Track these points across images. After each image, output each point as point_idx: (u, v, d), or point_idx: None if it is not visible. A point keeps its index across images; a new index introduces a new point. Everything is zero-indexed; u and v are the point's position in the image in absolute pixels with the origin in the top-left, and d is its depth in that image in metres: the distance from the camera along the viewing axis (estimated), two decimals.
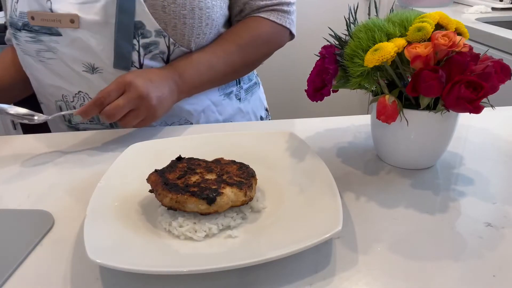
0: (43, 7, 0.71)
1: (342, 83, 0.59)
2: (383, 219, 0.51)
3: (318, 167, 0.55)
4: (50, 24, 0.71)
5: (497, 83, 0.51)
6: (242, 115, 0.91)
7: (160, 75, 0.71)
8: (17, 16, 0.74)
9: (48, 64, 0.75)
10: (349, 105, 2.22)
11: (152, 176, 0.51)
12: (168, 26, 0.72)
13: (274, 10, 0.83)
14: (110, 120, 0.65)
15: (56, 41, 0.72)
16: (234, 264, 0.40)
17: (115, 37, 0.70)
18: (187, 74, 0.74)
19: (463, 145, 0.68)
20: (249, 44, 0.81)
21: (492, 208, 0.52)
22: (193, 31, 0.74)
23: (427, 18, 0.54)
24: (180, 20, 0.72)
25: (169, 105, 0.72)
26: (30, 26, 0.73)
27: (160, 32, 0.72)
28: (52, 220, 0.52)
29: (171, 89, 0.72)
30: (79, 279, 0.43)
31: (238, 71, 0.84)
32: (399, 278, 0.42)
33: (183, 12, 0.72)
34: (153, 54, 0.74)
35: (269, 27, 0.83)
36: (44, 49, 0.74)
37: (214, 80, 0.80)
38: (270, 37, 0.84)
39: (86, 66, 0.74)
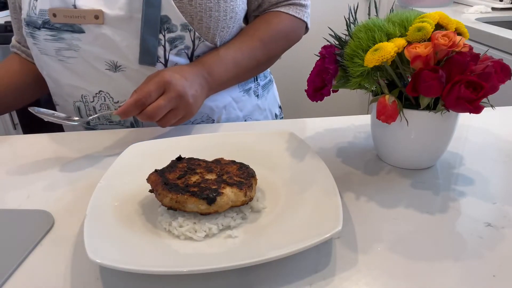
0: (66, 4, 0.70)
1: (342, 83, 0.59)
2: (383, 219, 0.51)
3: (318, 167, 0.55)
4: (73, 20, 0.70)
5: (497, 83, 0.51)
6: (260, 111, 0.92)
7: (192, 72, 0.71)
8: (36, 14, 0.73)
9: (68, 63, 0.74)
10: (349, 105, 2.22)
11: (152, 176, 0.51)
12: (194, 19, 0.71)
13: (292, 4, 0.84)
14: (150, 120, 0.64)
15: (78, 39, 0.72)
16: (234, 264, 0.40)
17: (141, 31, 0.70)
18: (215, 71, 0.74)
19: (463, 145, 0.68)
20: (271, 39, 0.81)
21: (492, 208, 0.52)
22: (218, 25, 0.74)
23: (427, 18, 0.54)
24: (206, 13, 0.72)
25: (202, 102, 0.73)
26: (51, 24, 0.72)
27: (186, 26, 0.71)
28: (52, 220, 0.52)
29: (202, 86, 0.72)
30: (79, 279, 0.43)
31: (260, 66, 0.84)
32: (399, 278, 0.42)
33: (209, 5, 0.71)
34: (179, 49, 0.73)
35: (289, 21, 0.84)
36: (64, 48, 0.73)
37: (239, 76, 0.81)
38: (290, 31, 0.85)
39: (109, 64, 0.73)
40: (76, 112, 0.80)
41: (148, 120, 0.64)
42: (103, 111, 0.78)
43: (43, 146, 0.71)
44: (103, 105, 0.77)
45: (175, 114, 0.67)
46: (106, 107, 0.78)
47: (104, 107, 0.78)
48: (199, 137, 0.66)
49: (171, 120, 0.67)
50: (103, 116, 0.75)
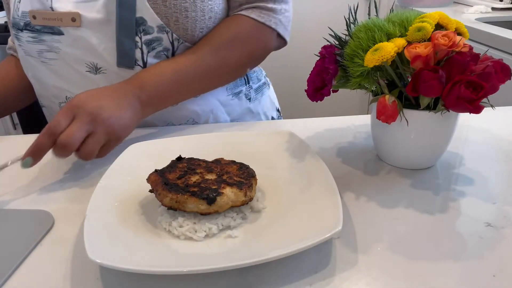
0: (44, 6, 0.70)
1: (342, 83, 0.59)
2: (383, 219, 0.51)
3: (318, 167, 0.55)
4: (51, 23, 0.70)
5: (497, 83, 0.51)
6: (252, 115, 0.90)
7: (114, 91, 0.66)
8: (19, 16, 0.73)
9: (50, 65, 0.75)
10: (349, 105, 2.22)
11: (152, 176, 0.51)
12: (170, 20, 0.70)
13: (256, 7, 0.76)
14: (66, 151, 0.57)
15: (58, 41, 0.72)
16: (234, 264, 0.40)
17: (116, 34, 0.70)
18: (149, 85, 0.68)
19: (463, 145, 0.68)
20: (224, 45, 0.74)
21: (492, 208, 0.52)
22: (196, 25, 0.72)
23: (427, 18, 0.54)
24: (182, 13, 0.70)
25: (132, 122, 0.65)
26: (32, 25, 0.72)
27: (162, 27, 0.70)
28: (52, 220, 0.52)
29: (130, 104, 0.65)
30: (79, 279, 0.43)
31: (216, 76, 0.77)
32: (399, 278, 0.42)
33: (184, 5, 0.70)
34: (157, 51, 0.72)
35: (248, 25, 0.76)
36: (46, 49, 0.73)
37: (187, 89, 0.74)
38: (249, 37, 0.77)
39: (89, 66, 0.73)
40: None
41: (64, 152, 0.57)
42: None
43: None
44: None
45: (95, 140, 0.59)
46: None
47: None
48: (199, 137, 0.65)
49: (92, 147, 0.59)
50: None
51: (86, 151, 0.58)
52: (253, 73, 0.91)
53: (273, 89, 0.99)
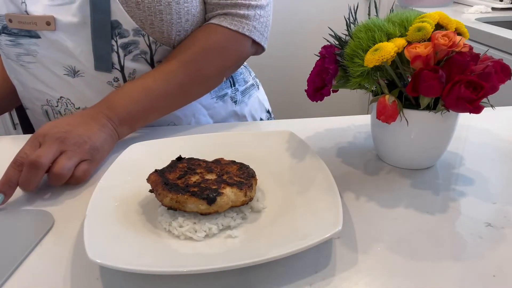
0: (20, 10, 0.69)
1: (342, 83, 0.59)
2: (383, 219, 0.51)
3: (318, 167, 0.55)
4: (26, 26, 0.69)
5: (497, 83, 0.51)
6: (237, 118, 0.88)
7: (81, 116, 0.64)
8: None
9: (28, 68, 0.74)
10: (349, 105, 2.22)
11: (152, 176, 0.51)
12: (145, 24, 0.68)
13: (227, 14, 0.73)
14: (36, 170, 0.55)
15: (35, 44, 0.71)
16: (234, 264, 0.40)
17: (92, 38, 0.69)
18: (117, 104, 0.67)
19: (463, 145, 0.68)
20: (195, 58, 0.71)
21: (492, 208, 0.52)
22: (172, 28, 0.69)
23: (427, 18, 0.54)
24: (156, 16, 0.68)
25: (105, 142, 0.63)
26: (9, 29, 0.71)
27: (138, 31, 0.69)
28: (52, 220, 0.52)
29: (101, 125, 0.64)
30: (79, 279, 0.43)
31: (188, 90, 0.74)
32: (399, 278, 0.42)
33: (158, 8, 0.67)
34: (134, 55, 0.71)
35: (220, 35, 0.72)
36: (23, 53, 0.72)
37: (160, 104, 0.71)
38: (222, 47, 0.73)
39: (67, 70, 0.72)
40: (45, 115, 0.79)
41: (35, 173, 0.55)
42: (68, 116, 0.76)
43: None
44: (67, 110, 0.76)
45: (67, 156, 0.57)
46: (69, 112, 0.76)
47: (68, 112, 0.76)
48: (199, 137, 0.65)
49: (64, 162, 0.56)
50: None
51: (58, 167, 0.56)
52: (239, 75, 0.89)
53: (263, 90, 0.97)
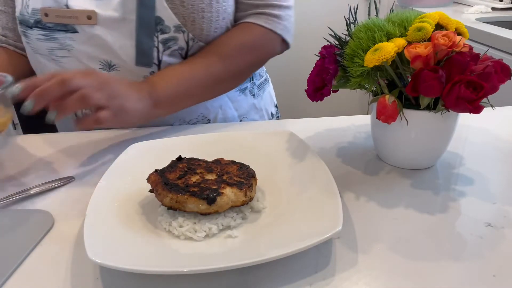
0: (59, 4, 0.70)
1: (342, 83, 0.59)
2: (383, 219, 0.51)
3: (318, 167, 0.55)
4: (65, 21, 0.70)
5: (497, 83, 0.51)
6: (256, 111, 0.91)
7: (128, 82, 0.67)
8: (28, 13, 0.72)
9: (61, 63, 0.74)
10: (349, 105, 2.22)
11: (152, 176, 0.51)
12: (187, 21, 0.71)
13: (262, 13, 0.77)
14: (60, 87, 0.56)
15: (71, 38, 0.71)
16: (234, 264, 0.40)
17: (136, 33, 0.70)
18: (158, 84, 0.70)
19: (463, 145, 0.68)
20: (233, 53, 0.76)
21: (492, 208, 0.52)
22: (211, 26, 0.73)
23: (427, 18, 0.54)
24: (198, 14, 0.71)
25: (139, 111, 0.65)
26: (43, 23, 0.71)
27: (179, 27, 0.71)
28: (52, 220, 0.52)
29: (141, 96, 0.66)
30: (79, 279, 0.43)
31: (223, 83, 0.78)
32: (399, 278, 0.42)
33: (201, 6, 0.71)
34: (172, 50, 0.73)
35: (257, 33, 0.77)
36: (57, 47, 0.72)
37: (195, 93, 0.75)
38: (257, 44, 0.78)
39: (103, 64, 0.73)
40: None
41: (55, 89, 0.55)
42: None
43: (43, 146, 0.71)
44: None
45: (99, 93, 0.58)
46: None
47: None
48: (199, 137, 0.65)
49: (95, 93, 0.58)
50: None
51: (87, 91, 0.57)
52: None
53: (271, 85, 1.01)
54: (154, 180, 0.50)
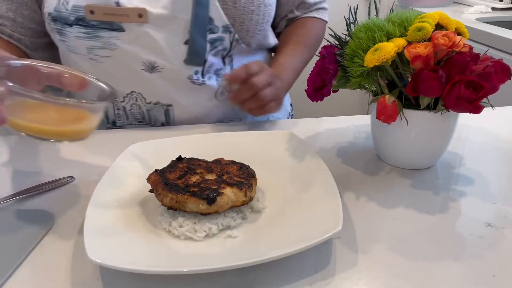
0: (107, 1, 0.68)
1: (342, 83, 0.59)
2: (383, 219, 0.51)
3: (318, 167, 0.55)
4: (114, 18, 0.68)
5: (497, 83, 0.51)
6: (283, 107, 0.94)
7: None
8: (68, 10, 0.69)
9: (100, 62, 0.72)
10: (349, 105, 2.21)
11: (152, 176, 0.51)
12: (236, 21, 0.72)
13: (321, 8, 0.92)
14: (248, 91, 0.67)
15: (117, 37, 0.70)
16: (234, 264, 0.40)
17: (191, 32, 0.70)
18: (283, 78, 0.77)
19: (463, 145, 0.68)
20: (313, 43, 0.88)
21: (492, 208, 0.52)
22: (256, 27, 0.75)
23: (427, 18, 0.54)
24: (248, 15, 0.73)
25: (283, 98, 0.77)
26: (87, 21, 0.68)
27: (227, 27, 0.72)
28: (52, 220, 0.52)
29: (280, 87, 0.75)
30: (79, 279, 0.43)
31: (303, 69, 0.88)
32: (399, 278, 0.42)
33: (251, 8, 0.73)
34: (217, 50, 0.74)
35: (319, 24, 0.91)
36: (99, 46, 0.71)
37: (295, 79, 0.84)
38: (321, 33, 0.92)
39: (146, 65, 0.72)
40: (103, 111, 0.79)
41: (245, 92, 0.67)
42: (134, 111, 0.78)
43: (43, 146, 0.71)
44: (134, 105, 0.77)
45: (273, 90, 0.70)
46: (137, 107, 0.77)
47: (135, 107, 0.77)
48: (199, 137, 0.65)
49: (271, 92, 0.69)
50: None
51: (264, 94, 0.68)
52: None
53: None
54: (154, 180, 0.50)
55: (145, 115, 0.78)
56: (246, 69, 0.67)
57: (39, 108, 0.48)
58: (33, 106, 0.47)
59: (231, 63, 0.78)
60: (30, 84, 0.50)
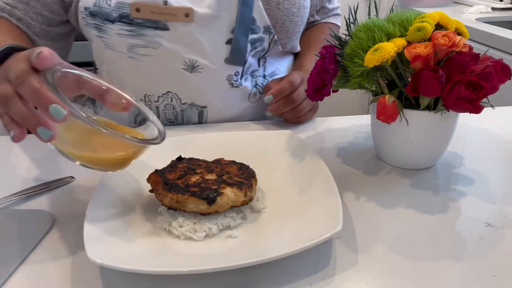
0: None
1: (342, 83, 0.59)
2: (383, 219, 0.51)
3: (318, 167, 0.55)
4: (161, 17, 0.68)
5: (497, 83, 0.51)
6: None
7: None
8: (111, 6, 0.67)
9: (139, 61, 0.71)
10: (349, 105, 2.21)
11: (152, 176, 0.51)
12: (277, 22, 0.73)
13: (337, 14, 0.95)
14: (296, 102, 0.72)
15: (160, 36, 0.69)
16: (234, 264, 0.40)
17: (235, 32, 0.70)
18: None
19: (463, 145, 0.68)
20: None
21: (492, 208, 0.52)
22: (295, 29, 0.77)
23: (427, 18, 0.54)
24: (289, 17, 0.74)
25: None
26: (131, 18, 0.67)
27: (268, 28, 0.73)
28: (52, 220, 0.52)
29: None
30: (79, 279, 0.43)
31: None
32: (399, 278, 0.42)
33: (293, 10, 0.74)
34: (256, 51, 0.75)
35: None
36: (141, 45, 0.70)
37: None
38: None
39: (187, 64, 0.72)
40: None
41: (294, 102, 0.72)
42: (167, 111, 0.78)
43: (43, 146, 0.70)
44: (168, 105, 0.76)
45: (308, 102, 0.74)
46: (171, 108, 0.77)
47: (169, 107, 0.77)
48: (199, 137, 0.65)
49: (306, 107, 0.74)
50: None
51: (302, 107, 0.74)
52: None
53: None
54: (154, 180, 0.50)
55: (178, 115, 0.78)
56: (290, 84, 0.71)
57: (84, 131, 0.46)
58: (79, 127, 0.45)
59: (265, 65, 0.80)
60: (68, 88, 0.47)
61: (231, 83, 0.75)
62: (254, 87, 0.79)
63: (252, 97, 0.79)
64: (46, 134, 0.42)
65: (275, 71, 0.83)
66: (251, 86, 0.78)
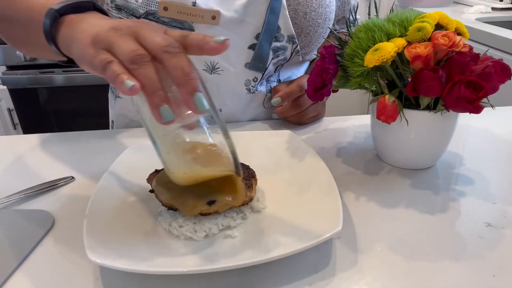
0: (184, 0, 0.67)
1: (342, 83, 0.59)
2: (383, 219, 0.51)
3: (318, 167, 0.55)
4: (188, 18, 0.67)
5: (497, 83, 0.51)
6: None
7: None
8: (138, 2, 0.67)
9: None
10: (349, 105, 2.22)
11: (152, 176, 0.51)
12: (302, 32, 0.73)
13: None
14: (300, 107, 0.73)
15: None
16: (234, 264, 0.40)
17: (260, 37, 0.70)
18: None
19: (463, 145, 0.68)
20: None
21: (492, 208, 0.52)
22: (317, 40, 0.76)
23: (427, 18, 0.54)
24: (314, 27, 0.73)
25: None
26: (157, 16, 0.67)
27: (292, 38, 0.73)
28: (52, 220, 0.52)
29: None
30: (79, 279, 0.43)
31: None
32: (399, 278, 0.42)
33: (319, 21, 0.73)
34: (278, 60, 0.75)
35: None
36: None
37: None
38: None
39: (207, 65, 0.72)
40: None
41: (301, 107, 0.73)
42: None
43: (43, 146, 0.71)
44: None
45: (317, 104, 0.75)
46: None
47: None
48: None
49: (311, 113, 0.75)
50: None
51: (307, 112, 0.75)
52: None
53: None
54: None
55: None
56: (299, 88, 0.72)
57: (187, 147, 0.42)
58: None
59: (279, 71, 0.80)
60: None
61: (248, 89, 0.76)
62: (269, 92, 0.79)
63: (266, 102, 0.80)
64: (169, 116, 0.37)
65: (291, 76, 0.83)
66: (266, 91, 0.78)
